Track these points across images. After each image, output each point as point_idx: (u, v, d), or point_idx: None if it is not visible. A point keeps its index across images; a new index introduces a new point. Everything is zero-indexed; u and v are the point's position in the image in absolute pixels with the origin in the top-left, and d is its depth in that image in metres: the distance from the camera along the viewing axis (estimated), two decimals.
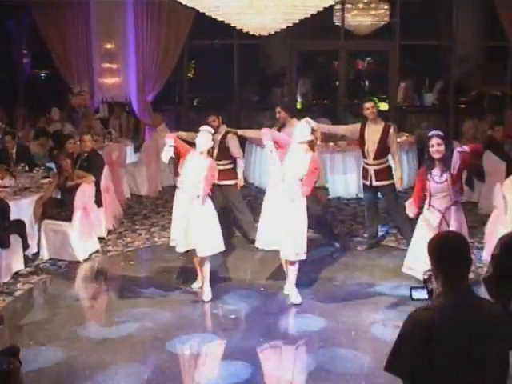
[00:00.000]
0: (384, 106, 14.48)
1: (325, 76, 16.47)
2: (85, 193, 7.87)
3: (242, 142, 8.99)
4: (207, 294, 6.61)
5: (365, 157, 7.85)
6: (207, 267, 6.63)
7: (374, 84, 16.10)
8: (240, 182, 8.05)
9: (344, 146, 10.10)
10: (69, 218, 7.79)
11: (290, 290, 6.54)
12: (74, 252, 7.77)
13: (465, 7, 13.91)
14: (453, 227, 5.84)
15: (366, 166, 7.88)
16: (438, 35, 14.86)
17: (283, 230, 6.27)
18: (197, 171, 6.40)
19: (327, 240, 8.14)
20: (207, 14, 6.37)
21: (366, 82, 16.75)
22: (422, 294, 3.18)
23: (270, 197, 6.47)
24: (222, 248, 6.63)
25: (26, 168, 8.70)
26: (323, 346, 5.71)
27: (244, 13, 5.90)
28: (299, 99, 15.32)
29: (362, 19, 13.02)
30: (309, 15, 6.37)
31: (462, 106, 14.27)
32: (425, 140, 6.16)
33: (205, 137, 6.54)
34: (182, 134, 7.83)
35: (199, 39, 13.57)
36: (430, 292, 3.08)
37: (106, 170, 8.70)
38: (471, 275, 7.34)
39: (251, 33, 6.75)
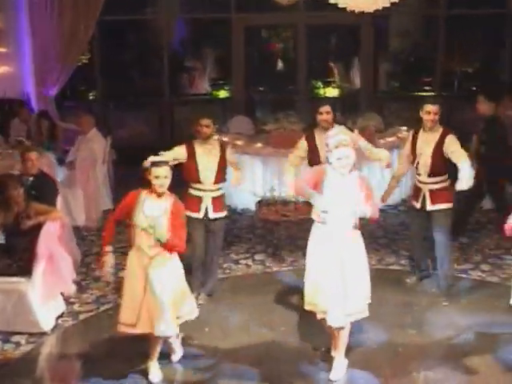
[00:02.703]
0: (331, 92, 12.82)
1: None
2: (50, 234, 5.51)
3: None
4: None
5: (418, 173, 6.18)
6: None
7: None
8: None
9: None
10: (27, 272, 5.41)
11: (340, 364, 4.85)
12: (37, 320, 5.40)
13: None
14: None
15: (418, 184, 6.20)
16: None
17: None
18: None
19: None
20: None
21: (280, 64, 13.44)
22: None
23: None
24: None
25: None
26: None
27: None
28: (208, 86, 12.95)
29: None
30: None
31: (427, 87, 12.46)
32: None
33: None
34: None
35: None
36: None
37: (59, 198, 6.30)
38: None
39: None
